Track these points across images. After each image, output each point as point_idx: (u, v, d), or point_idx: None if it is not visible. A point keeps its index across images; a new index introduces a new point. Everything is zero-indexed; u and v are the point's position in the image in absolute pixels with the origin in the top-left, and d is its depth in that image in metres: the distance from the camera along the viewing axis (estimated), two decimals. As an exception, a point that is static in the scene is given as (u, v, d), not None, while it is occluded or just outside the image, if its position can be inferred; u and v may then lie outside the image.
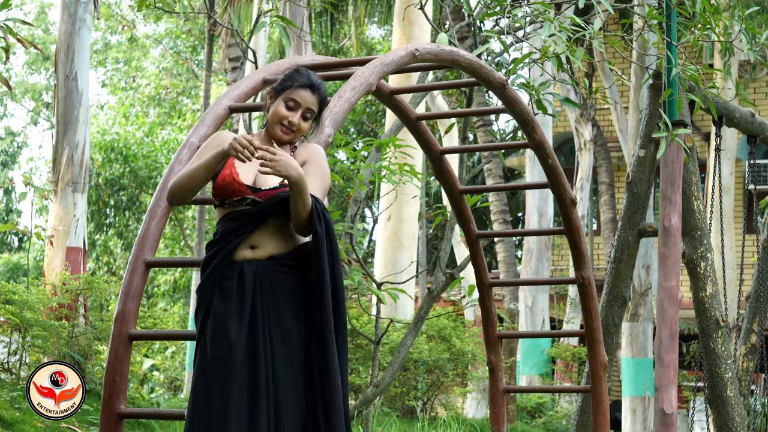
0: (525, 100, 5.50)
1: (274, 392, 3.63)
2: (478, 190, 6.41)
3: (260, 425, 3.58)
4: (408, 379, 12.08)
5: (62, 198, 9.84)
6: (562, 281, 6.73)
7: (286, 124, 3.81)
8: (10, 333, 8.90)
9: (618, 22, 19.20)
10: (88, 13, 10.18)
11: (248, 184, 3.74)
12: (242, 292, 3.69)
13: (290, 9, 13.16)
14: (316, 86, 3.83)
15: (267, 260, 3.72)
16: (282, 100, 3.82)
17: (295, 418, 3.65)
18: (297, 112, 3.82)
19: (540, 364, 17.23)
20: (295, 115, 3.81)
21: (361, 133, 24.59)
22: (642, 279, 11.58)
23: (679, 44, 6.56)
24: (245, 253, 3.72)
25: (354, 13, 20.77)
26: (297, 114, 3.82)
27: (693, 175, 7.47)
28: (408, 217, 13.07)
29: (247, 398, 3.60)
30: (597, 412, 6.08)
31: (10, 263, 26.41)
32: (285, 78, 3.86)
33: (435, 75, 8.67)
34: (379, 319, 7.42)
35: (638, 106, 12.15)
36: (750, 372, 8.88)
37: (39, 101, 30.85)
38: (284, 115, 3.81)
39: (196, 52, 26.08)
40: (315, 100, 3.83)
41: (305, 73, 3.86)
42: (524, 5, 6.29)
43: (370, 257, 22.08)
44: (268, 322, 3.67)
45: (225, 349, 3.63)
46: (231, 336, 3.63)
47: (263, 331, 3.66)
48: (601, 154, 19.59)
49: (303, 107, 3.82)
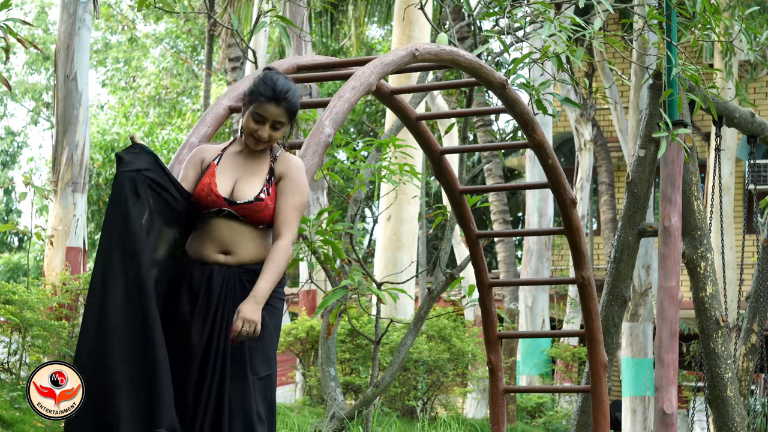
0: (525, 100, 5.50)
1: (218, 387, 3.74)
2: (478, 190, 6.41)
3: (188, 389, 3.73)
4: (408, 379, 12.08)
5: (62, 198, 9.84)
6: (562, 281, 6.73)
7: (256, 137, 3.85)
8: (10, 333, 8.90)
9: (618, 22, 19.20)
10: (87, 13, 10.18)
11: (225, 196, 3.81)
12: (209, 294, 3.78)
13: (290, 9, 13.17)
14: (280, 98, 3.82)
15: (236, 267, 3.80)
16: (250, 113, 3.84)
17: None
18: (265, 125, 3.84)
19: (540, 364, 17.23)
20: (264, 129, 3.84)
21: (361, 133, 24.60)
22: (642, 279, 11.58)
23: (679, 44, 6.56)
24: (217, 257, 3.80)
25: (354, 13, 20.78)
26: (266, 127, 3.84)
27: (693, 175, 7.47)
28: (408, 217, 13.06)
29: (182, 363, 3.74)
30: (597, 412, 6.08)
31: (10, 263, 26.41)
32: (252, 89, 3.86)
33: (435, 75, 8.68)
34: (379, 319, 7.42)
35: (638, 106, 12.15)
36: (750, 372, 8.87)
37: (39, 101, 30.85)
38: (253, 128, 3.85)
39: (196, 52, 26.08)
40: (281, 112, 3.83)
41: (270, 83, 3.85)
42: (524, 5, 6.29)
43: (370, 257, 22.08)
44: (227, 326, 3.76)
45: (184, 348, 3.76)
46: (192, 338, 3.75)
47: (219, 332, 3.76)
48: (601, 154, 19.59)
49: (270, 120, 3.84)
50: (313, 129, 4.15)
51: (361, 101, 20.70)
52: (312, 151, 4.00)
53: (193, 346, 3.75)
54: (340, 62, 5.11)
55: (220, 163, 3.88)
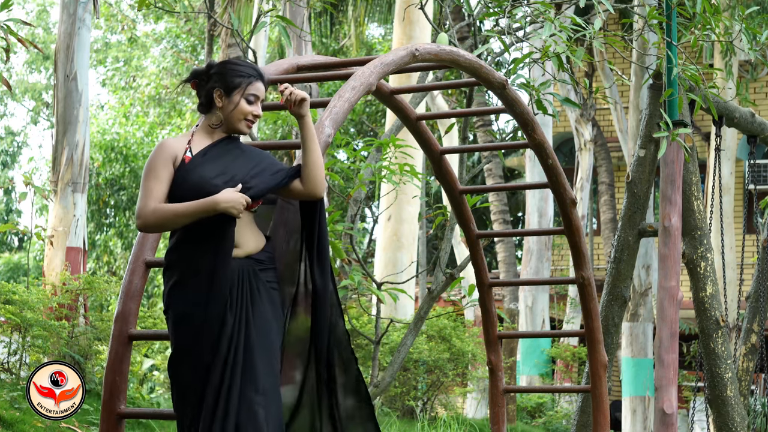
0: (525, 100, 5.50)
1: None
2: (478, 190, 6.41)
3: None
4: (408, 379, 12.08)
5: (62, 198, 9.83)
6: (562, 281, 6.73)
7: (251, 119, 3.85)
8: (10, 333, 8.90)
9: (618, 22, 19.20)
10: (87, 12, 10.17)
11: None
12: (230, 290, 3.73)
13: (290, 9, 13.17)
14: (263, 74, 3.90)
15: (245, 259, 3.77)
16: (242, 96, 3.82)
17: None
18: (257, 104, 3.87)
19: (540, 364, 17.23)
20: (258, 108, 3.87)
21: (361, 133, 24.58)
22: (642, 279, 11.57)
23: (679, 44, 6.56)
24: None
25: (354, 13, 20.77)
26: (258, 106, 3.87)
27: (693, 175, 7.47)
28: (408, 217, 13.06)
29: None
30: (597, 412, 6.07)
31: (10, 263, 26.39)
32: (233, 74, 3.84)
33: (435, 75, 8.67)
34: (379, 319, 7.42)
35: (638, 106, 12.15)
36: (750, 372, 8.88)
37: (39, 101, 30.83)
38: (248, 110, 3.84)
39: (196, 52, 26.07)
40: (263, 88, 3.89)
41: (246, 64, 3.90)
42: (524, 5, 6.29)
43: (370, 257, 22.06)
44: (247, 319, 3.72)
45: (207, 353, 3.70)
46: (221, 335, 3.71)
47: (240, 327, 3.71)
48: (601, 154, 19.59)
49: (260, 98, 3.88)
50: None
51: (361, 101, 20.70)
52: (312, 151, 3.99)
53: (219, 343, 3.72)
54: (340, 62, 5.11)
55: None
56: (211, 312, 3.68)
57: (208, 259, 3.69)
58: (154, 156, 3.81)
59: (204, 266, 3.70)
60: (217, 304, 3.69)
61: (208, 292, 3.69)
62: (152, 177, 3.77)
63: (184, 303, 3.72)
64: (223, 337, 3.68)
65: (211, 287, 3.69)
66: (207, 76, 3.87)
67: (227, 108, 3.83)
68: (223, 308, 3.69)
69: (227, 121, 3.84)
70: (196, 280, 3.70)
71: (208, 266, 3.69)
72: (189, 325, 3.71)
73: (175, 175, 3.77)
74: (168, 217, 3.70)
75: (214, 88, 3.84)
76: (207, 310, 3.68)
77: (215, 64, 3.89)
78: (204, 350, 3.68)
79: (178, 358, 3.73)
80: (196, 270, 3.70)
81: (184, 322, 3.72)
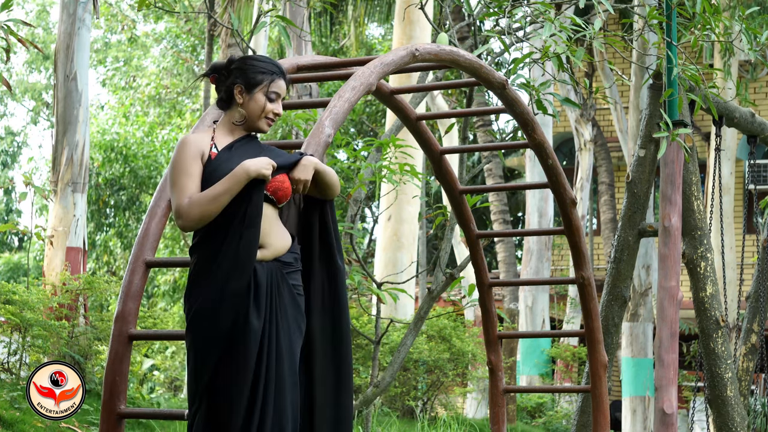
0: (525, 100, 5.50)
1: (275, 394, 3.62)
2: (478, 190, 6.41)
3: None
4: (408, 379, 12.08)
5: (62, 198, 9.83)
6: (562, 281, 6.73)
7: (272, 117, 3.81)
8: (10, 333, 8.90)
9: (618, 22, 19.20)
10: (87, 12, 10.17)
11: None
12: (257, 295, 3.63)
13: (290, 9, 13.17)
14: (285, 72, 3.85)
15: (273, 262, 3.69)
16: (263, 94, 3.78)
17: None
18: (279, 102, 3.82)
19: (540, 364, 17.23)
20: (279, 106, 3.82)
21: (361, 133, 24.58)
22: (642, 279, 11.57)
23: (679, 44, 6.56)
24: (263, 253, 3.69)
25: (354, 13, 20.78)
26: (279, 104, 3.83)
27: (693, 175, 7.47)
28: (408, 217, 13.07)
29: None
30: (597, 412, 6.08)
31: (10, 263, 26.39)
32: (254, 71, 3.77)
33: (435, 75, 8.67)
34: (379, 319, 7.42)
35: (638, 106, 12.15)
36: (750, 372, 8.88)
37: (39, 101, 30.83)
38: (270, 108, 3.79)
39: (196, 52, 26.07)
40: (285, 86, 3.84)
41: (267, 60, 3.83)
42: (524, 5, 6.29)
43: (370, 257, 22.07)
44: (276, 323, 3.64)
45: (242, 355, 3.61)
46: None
47: (272, 335, 3.63)
48: (601, 154, 19.59)
49: (282, 96, 3.83)
50: (313, 129, 4.14)
51: (361, 101, 20.70)
52: (312, 150, 3.99)
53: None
54: (340, 62, 5.10)
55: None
56: (235, 303, 3.57)
57: (234, 247, 3.58)
58: (180, 153, 3.68)
59: (230, 255, 3.58)
60: (241, 297, 3.57)
61: (238, 280, 3.58)
62: (183, 174, 3.64)
63: (210, 294, 3.61)
64: (251, 342, 3.57)
65: (241, 277, 3.58)
66: (227, 71, 3.81)
67: (248, 105, 3.78)
68: (247, 300, 3.58)
69: (250, 119, 3.80)
70: (221, 270, 3.59)
71: (234, 255, 3.57)
72: (213, 319, 3.60)
73: (203, 171, 3.69)
74: (206, 202, 3.57)
75: (234, 84, 3.78)
76: (230, 303, 3.58)
77: (236, 59, 3.82)
78: (235, 344, 3.59)
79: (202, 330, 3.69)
80: (223, 259, 3.59)
81: (205, 319, 3.63)
